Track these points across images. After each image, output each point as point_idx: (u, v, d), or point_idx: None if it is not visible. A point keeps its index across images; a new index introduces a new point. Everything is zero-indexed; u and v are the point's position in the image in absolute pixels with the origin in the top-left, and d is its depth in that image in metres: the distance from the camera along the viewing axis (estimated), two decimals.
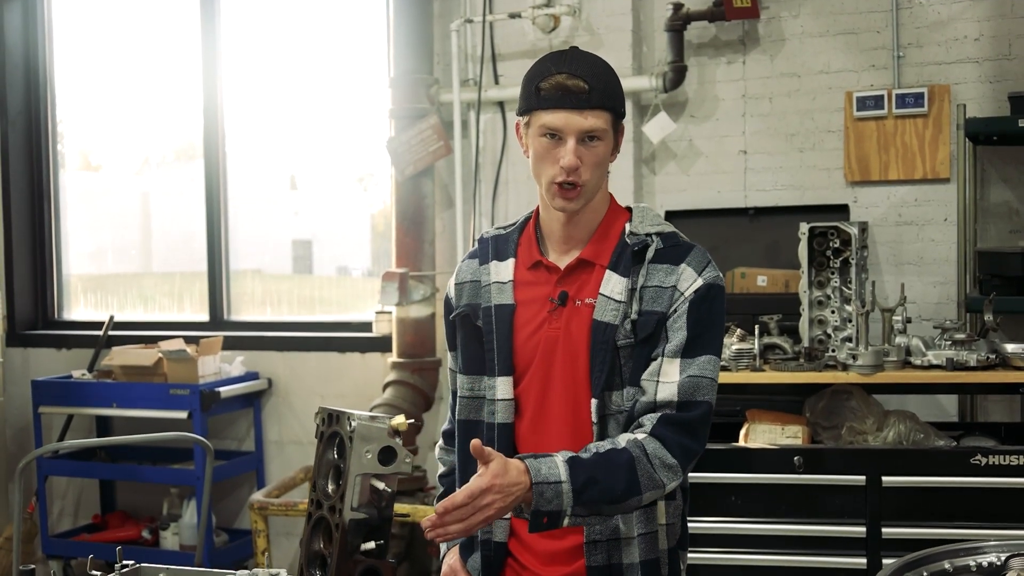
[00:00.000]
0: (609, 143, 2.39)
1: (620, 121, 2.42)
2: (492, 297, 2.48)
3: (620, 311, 2.35)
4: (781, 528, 4.12)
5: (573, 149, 2.33)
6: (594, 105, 2.32)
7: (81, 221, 7.17)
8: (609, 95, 2.35)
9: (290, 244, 6.89)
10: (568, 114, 2.32)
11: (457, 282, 2.58)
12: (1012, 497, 3.95)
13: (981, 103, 5.00)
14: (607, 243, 2.44)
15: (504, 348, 2.44)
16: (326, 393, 5.96)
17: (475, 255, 2.59)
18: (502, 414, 2.44)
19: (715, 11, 5.24)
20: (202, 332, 6.28)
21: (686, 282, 2.36)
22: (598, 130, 2.33)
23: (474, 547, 2.53)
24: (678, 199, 5.46)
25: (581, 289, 2.42)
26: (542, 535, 2.40)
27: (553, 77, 2.34)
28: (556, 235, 2.47)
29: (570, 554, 2.43)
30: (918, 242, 5.13)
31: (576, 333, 2.39)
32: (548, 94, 2.33)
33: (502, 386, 2.44)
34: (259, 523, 5.26)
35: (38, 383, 6.19)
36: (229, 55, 6.48)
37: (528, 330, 2.44)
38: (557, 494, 2.17)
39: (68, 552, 6.17)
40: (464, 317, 2.52)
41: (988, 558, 2.19)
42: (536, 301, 2.45)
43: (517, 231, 2.55)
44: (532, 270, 2.48)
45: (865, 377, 4.22)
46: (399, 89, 5.60)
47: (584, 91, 2.31)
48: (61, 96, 7.02)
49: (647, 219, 2.47)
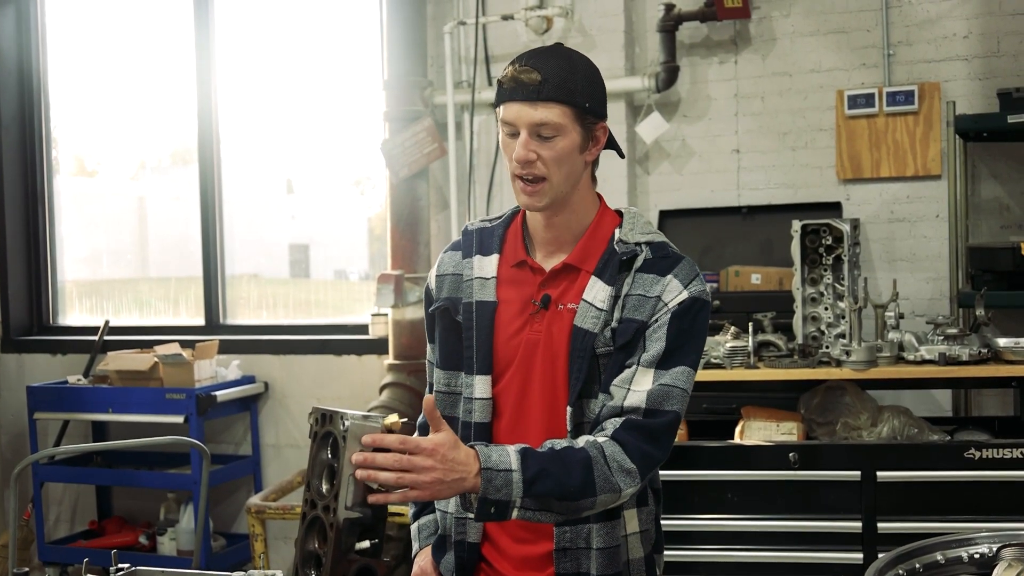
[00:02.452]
0: (573, 139, 2.30)
1: (589, 117, 2.32)
2: (474, 292, 2.42)
3: (601, 319, 2.31)
4: (777, 524, 4.13)
5: (524, 142, 2.28)
6: (546, 97, 2.26)
7: (76, 226, 7.17)
8: (567, 88, 2.27)
9: (287, 248, 6.90)
10: (520, 106, 2.27)
11: (438, 274, 2.52)
12: (1006, 490, 3.96)
13: (971, 100, 5.02)
14: (594, 248, 2.39)
15: (484, 346, 2.39)
16: (323, 396, 5.96)
17: (458, 247, 2.52)
18: (479, 413, 2.39)
19: (707, 11, 5.26)
20: (198, 336, 6.28)
21: (671, 294, 2.30)
22: (550, 123, 2.26)
23: (446, 547, 2.48)
24: (672, 198, 5.47)
25: (564, 293, 2.37)
26: (516, 541, 2.39)
27: (510, 71, 2.30)
28: (540, 236, 2.43)
29: (543, 560, 2.39)
30: (910, 239, 5.15)
31: (557, 338, 2.35)
32: (504, 87, 2.30)
33: (480, 384, 2.39)
34: (256, 527, 5.26)
35: (33, 389, 6.18)
36: (223, 59, 6.48)
37: (510, 330, 2.39)
38: (507, 483, 2.10)
39: (65, 559, 6.16)
40: (444, 311, 2.47)
41: (980, 549, 2.20)
42: (518, 301, 2.40)
43: (503, 225, 2.49)
44: (516, 268, 2.43)
45: (859, 373, 4.24)
46: (393, 92, 5.61)
47: (536, 83, 2.25)
48: (55, 101, 7.02)
49: (637, 226, 2.41)
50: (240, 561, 5.96)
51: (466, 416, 2.41)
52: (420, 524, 2.60)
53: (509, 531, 2.42)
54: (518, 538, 2.41)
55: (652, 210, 5.44)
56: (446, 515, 2.47)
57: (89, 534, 6.44)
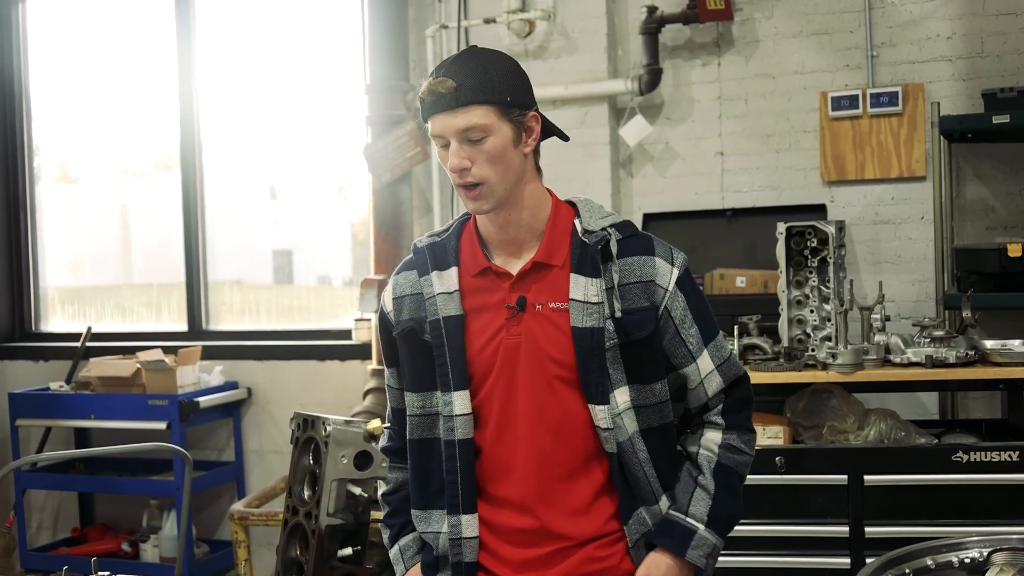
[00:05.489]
0: (503, 136, 2.28)
1: (514, 110, 2.29)
2: (439, 309, 2.37)
3: (600, 313, 2.31)
4: (764, 529, 4.11)
5: (456, 151, 2.27)
6: (464, 102, 2.24)
7: (59, 233, 7.13)
8: (483, 88, 2.25)
9: (271, 254, 6.87)
10: (442, 117, 2.26)
11: (395, 296, 2.46)
12: (994, 493, 3.95)
13: (955, 101, 5.02)
14: (557, 242, 2.37)
15: (458, 361, 2.35)
16: (306, 401, 5.92)
17: (411, 265, 2.47)
18: (462, 430, 2.35)
19: (689, 13, 5.25)
20: (181, 342, 6.24)
21: (664, 276, 2.36)
22: (476, 126, 2.25)
23: (439, 567, 2.44)
24: (656, 201, 5.45)
25: (540, 293, 2.35)
26: (515, 545, 2.37)
27: (425, 84, 2.29)
28: (496, 239, 2.40)
29: (544, 561, 2.36)
30: (895, 240, 5.14)
31: (542, 339, 2.33)
32: (425, 101, 2.29)
33: (459, 400, 2.35)
34: (240, 534, 5.22)
35: (15, 395, 6.15)
36: (205, 65, 6.45)
37: (482, 339, 2.35)
38: (713, 551, 2.37)
39: (47, 566, 6.11)
40: (409, 332, 2.41)
41: (970, 554, 2.19)
42: (488, 308, 2.37)
43: (454, 236, 2.45)
44: (480, 277, 2.39)
45: (845, 376, 4.22)
46: (375, 96, 5.58)
47: (452, 89, 2.24)
48: (37, 108, 6.99)
49: (595, 213, 2.41)
50: (223, 568, 5.93)
51: (447, 435, 2.37)
52: (401, 545, 2.53)
53: (506, 537, 2.39)
54: (516, 542, 2.38)
55: (636, 213, 5.42)
56: (439, 536, 2.42)
57: (71, 541, 6.40)
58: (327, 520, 2.21)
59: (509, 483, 2.36)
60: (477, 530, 2.37)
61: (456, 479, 2.36)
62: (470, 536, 2.36)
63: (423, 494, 2.43)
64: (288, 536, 2.32)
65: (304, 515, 2.27)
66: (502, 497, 2.37)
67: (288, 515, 2.32)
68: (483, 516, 2.38)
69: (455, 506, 2.36)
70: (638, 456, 2.34)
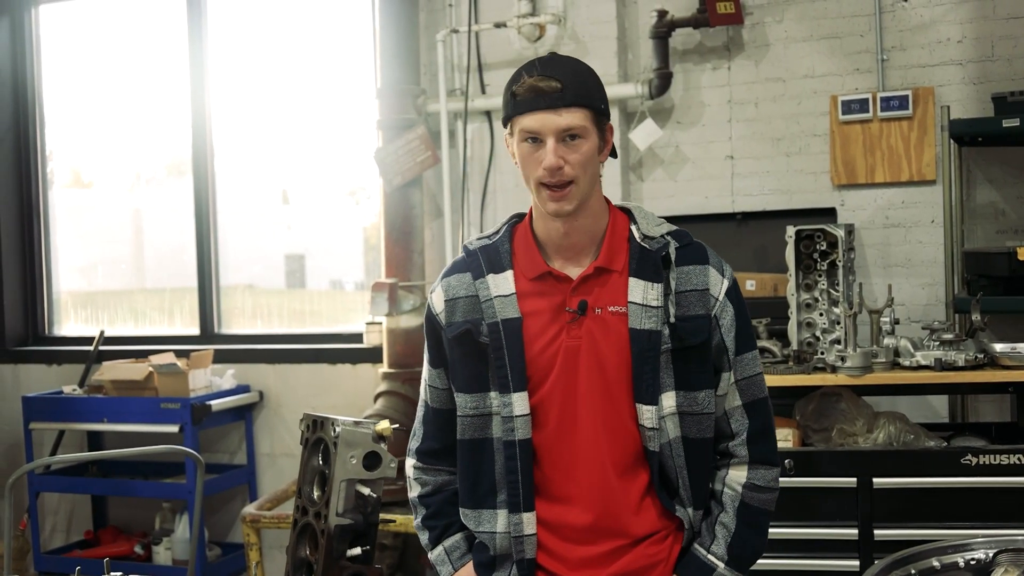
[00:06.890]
0: (593, 141, 2.35)
1: (604, 119, 2.39)
2: (497, 312, 2.40)
3: (659, 316, 2.36)
4: (773, 531, 4.02)
5: (553, 149, 2.31)
6: (568, 103, 2.30)
7: (72, 237, 7.17)
8: (585, 92, 2.33)
9: (283, 258, 6.89)
10: (544, 115, 2.30)
11: (448, 298, 2.47)
12: (1004, 496, 3.95)
13: (965, 104, 5.01)
14: (617, 248, 2.43)
15: (518, 363, 2.38)
16: (317, 405, 5.93)
17: (462, 267, 2.49)
18: (522, 430, 2.39)
19: (699, 17, 5.26)
20: (193, 346, 6.27)
21: (716, 286, 2.42)
22: (576, 127, 2.31)
23: (495, 566, 2.47)
24: (666, 205, 5.46)
25: (599, 297, 2.40)
26: (573, 543, 2.42)
27: (526, 81, 2.33)
28: (557, 244, 2.43)
29: (603, 559, 2.42)
30: (905, 244, 5.14)
31: (603, 342, 2.37)
32: (523, 98, 2.33)
33: (519, 401, 2.38)
34: (251, 536, 5.24)
35: (29, 399, 6.17)
36: (217, 70, 6.48)
37: (541, 342, 2.39)
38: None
39: (61, 568, 6.13)
40: (464, 334, 2.43)
41: (976, 555, 2.19)
42: (546, 312, 2.40)
43: (506, 239, 2.48)
44: (538, 281, 2.42)
45: (854, 379, 4.22)
46: (386, 100, 5.59)
47: (557, 90, 2.30)
48: (50, 114, 7.03)
49: (651, 220, 2.49)
50: (236, 571, 5.95)
51: (507, 435, 2.40)
52: (447, 546, 2.55)
53: (564, 535, 2.44)
54: (575, 540, 2.43)
55: None
56: (495, 535, 2.45)
57: (85, 544, 6.43)
58: (336, 520, 2.23)
59: (569, 482, 2.41)
60: (535, 527, 2.41)
61: (517, 478, 2.40)
62: (530, 533, 2.41)
63: (474, 494, 2.46)
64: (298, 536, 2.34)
65: (313, 515, 2.29)
66: (561, 496, 2.42)
67: (298, 515, 2.34)
68: (540, 515, 2.43)
69: (516, 504, 2.41)
70: (675, 461, 2.40)
